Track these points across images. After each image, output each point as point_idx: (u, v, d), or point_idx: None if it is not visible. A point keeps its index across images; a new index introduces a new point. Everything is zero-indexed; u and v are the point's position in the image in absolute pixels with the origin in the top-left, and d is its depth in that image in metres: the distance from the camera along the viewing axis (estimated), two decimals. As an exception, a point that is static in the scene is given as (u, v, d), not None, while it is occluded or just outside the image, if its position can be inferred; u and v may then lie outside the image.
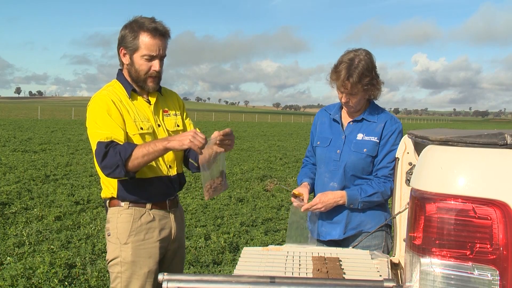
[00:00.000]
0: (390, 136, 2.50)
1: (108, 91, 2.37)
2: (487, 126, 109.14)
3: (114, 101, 2.31)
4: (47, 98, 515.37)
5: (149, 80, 2.36)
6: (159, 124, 2.44)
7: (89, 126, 2.32)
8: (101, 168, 2.23)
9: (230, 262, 4.87)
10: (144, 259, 2.36)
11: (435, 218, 1.37)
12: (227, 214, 6.94)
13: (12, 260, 4.71)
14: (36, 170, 10.42)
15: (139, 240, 2.36)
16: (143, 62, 2.32)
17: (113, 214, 2.40)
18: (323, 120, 2.69)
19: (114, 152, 2.17)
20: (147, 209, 2.39)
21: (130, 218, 2.36)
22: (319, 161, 2.62)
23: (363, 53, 2.43)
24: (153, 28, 2.29)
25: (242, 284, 1.54)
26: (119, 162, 2.16)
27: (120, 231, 2.36)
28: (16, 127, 26.22)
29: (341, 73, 2.37)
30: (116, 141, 2.22)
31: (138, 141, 2.31)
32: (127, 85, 2.40)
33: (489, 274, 1.31)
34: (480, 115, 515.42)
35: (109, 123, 2.25)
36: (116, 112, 2.29)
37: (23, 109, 74.00)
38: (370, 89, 2.45)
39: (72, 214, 6.66)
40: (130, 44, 2.32)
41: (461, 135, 1.47)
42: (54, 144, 16.78)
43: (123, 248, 2.35)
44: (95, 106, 2.31)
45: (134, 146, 2.21)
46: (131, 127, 2.32)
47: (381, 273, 1.97)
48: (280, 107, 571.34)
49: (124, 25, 2.37)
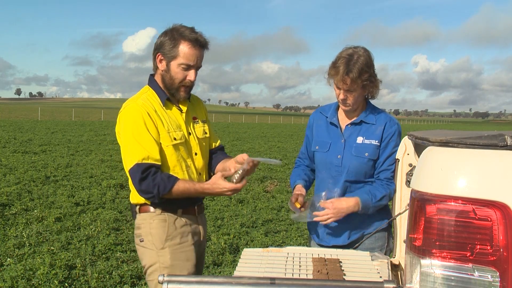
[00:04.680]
0: (391, 138, 2.47)
1: (143, 100, 2.35)
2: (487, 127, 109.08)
3: (149, 113, 2.30)
4: (47, 99, 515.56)
5: (182, 89, 2.37)
6: (190, 132, 2.45)
7: (125, 138, 2.30)
8: (137, 189, 2.29)
9: (230, 263, 4.87)
10: (182, 262, 2.36)
11: (435, 220, 1.37)
12: (227, 215, 6.94)
13: (12, 261, 4.71)
14: (36, 171, 10.43)
15: (175, 244, 2.36)
16: (180, 70, 2.33)
17: (145, 220, 2.39)
18: (319, 123, 2.63)
19: (153, 183, 2.21)
20: (178, 215, 2.40)
21: (165, 224, 2.36)
22: (320, 166, 2.58)
23: (362, 49, 2.39)
24: (194, 38, 2.31)
25: (242, 286, 1.54)
26: (155, 194, 2.23)
27: (156, 237, 2.35)
28: (16, 128, 26.23)
29: (340, 68, 2.33)
30: (154, 164, 2.24)
31: (171, 152, 2.33)
32: (161, 93, 2.39)
33: (489, 275, 1.31)
34: (480, 116, 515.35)
35: (146, 137, 2.26)
36: (152, 124, 2.29)
37: (23, 110, 74.04)
38: (368, 86, 2.41)
39: (72, 215, 6.66)
40: (168, 52, 2.32)
41: (461, 137, 1.47)
42: (54, 145, 16.78)
43: (160, 253, 2.34)
44: (131, 117, 2.30)
45: (174, 182, 2.24)
46: (165, 138, 2.32)
47: (381, 275, 1.97)
48: (280, 108, 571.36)
49: (163, 32, 2.38)
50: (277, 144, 22.40)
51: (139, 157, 2.23)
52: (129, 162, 2.26)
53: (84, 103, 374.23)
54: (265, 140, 25.25)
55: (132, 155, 2.25)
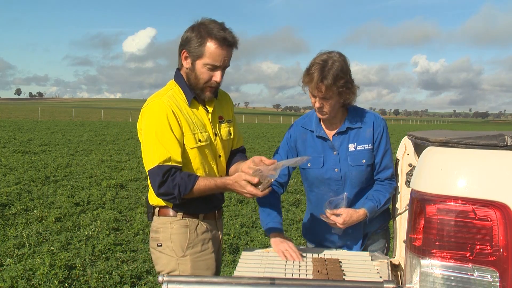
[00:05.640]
0: (381, 136, 2.40)
1: (168, 97, 2.22)
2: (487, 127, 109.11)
3: (174, 112, 2.17)
4: (47, 99, 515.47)
5: (207, 89, 2.24)
6: (216, 133, 2.33)
7: (147, 135, 2.18)
8: (155, 192, 2.17)
9: (230, 264, 4.86)
10: (202, 271, 2.27)
11: (435, 220, 1.37)
12: (227, 215, 6.94)
13: (12, 261, 4.71)
14: (36, 171, 10.42)
15: (196, 252, 2.26)
16: (205, 70, 2.19)
17: (164, 224, 2.28)
18: (304, 138, 2.47)
19: (173, 184, 2.10)
20: (199, 220, 2.31)
21: (186, 230, 2.27)
22: (316, 182, 2.47)
23: (337, 55, 2.28)
24: (222, 37, 2.15)
25: (242, 286, 1.54)
26: (176, 195, 2.12)
27: (176, 243, 2.25)
28: (16, 128, 26.23)
29: (314, 75, 2.21)
30: (175, 165, 2.13)
31: (195, 155, 2.22)
32: (187, 91, 2.26)
33: (489, 275, 1.31)
34: (480, 116, 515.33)
35: (169, 137, 2.15)
36: (176, 124, 2.17)
37: (23, 110, 74.04)
38: (345, 93, 2.28)
39: (72, 215, 6.65)
40: (194, 50, 2.18)
41: (461, 137, 1.47)
42: (54, 146, 16.77)
43: (181, 261, 2.23)
44: (155, 115, 2.17)
45: (195, 181, 2.12)
46: (190, 139, 2.20)
47: (381, 275, 1.97)
48: (280, 109, 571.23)
49: (191, 27, 2.23)
50: (277, 144, 22.39)
51: (160, 158, 2.11)
52: (150, 162, 2.15)
53: (84, 103, 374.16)
54: (265, 140, 25.25)
55: (154, 156, 2.13)
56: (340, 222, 2.28)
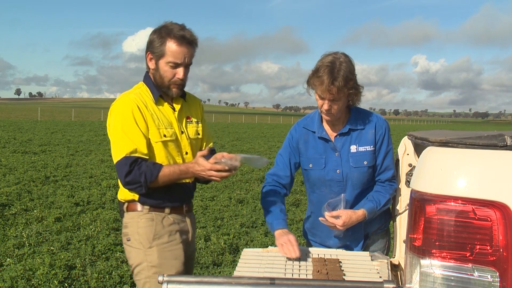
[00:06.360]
0: (383, 138, 2.40)
1: (135, 94, 2.36)
2: (487, 127, 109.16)
3: (139, 107, 2.30)
4: (47, 100, 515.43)
5: (172, 86, 2.35)
6: (182, 131, 2.43)
7: (114, 129, 2.31)
8: (122, 182, 2.27)
9: (230, 264, 4.86)
10: (170, 261, 2.34)
11: (435, 220, 1.37)
12: (227, 215, 6.94)
13: (12, 261, 4.71)
14: (36, 171, 10.42)
15: (163, 243, 2.34)
16: (168, 69, 2.31)
17: (132, 219, 2.38)
18: (306, 139, 2.46)
19: (140, 172, 2.21)
20: (166, 213, 2.39)
21: (152, 222, 2.35)
22: (317, 183, 2.46)
23: (342, 56, 2.26)
24: (180, 35, 2.28)
25: (242, 286, 1.54)
26: (143, 183, 2.22)
27: (143, 236, 2.34)
28: (16, 128, 26.23)
29: (324, 78, 2.18)
30: (141, 156, 2.24)
31: (160, 148, 2.32)
32: (154, 89, 2.39)
33: (489, 275, 1.31)
34: (480, 117, 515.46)
35: (134, 130, 2.26)
36: (141, 119, 2.29)
37: (23, 110, 74.04)
38: (353, 94, 2.27)
39: (72, 215, 6.65)
40: (156, 50, 2.31)
41: (461, 137, 1.47)
42: (54, 146, 16.78)
43: (147, 252, 2.33)
44: (121, 109, 2.31)
45: (160, 168, 2.24)
46: (154, 134, 2.31)
47: (381, 275, 1.97)
48: (280, 109, 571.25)
49: (153, 30, 2.36)
50: (277, 144, 22.39)
51: (127, 150, 2.23)
52: (117, 154, 2.26)
53: (84, 103, 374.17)
54: (265, 140, 25.25)
55: (120, 148, 2.25)
56: (340, 224, 2.27)
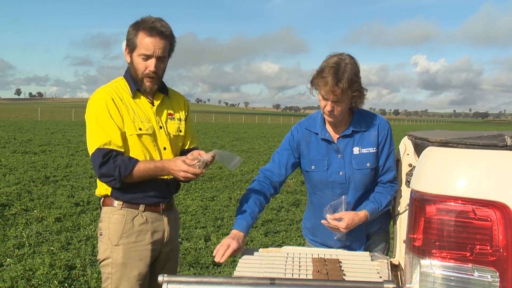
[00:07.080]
0: (386, 140, 2.40)
1: (111, 87, 2.37)
2: (487, 127, 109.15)
3: (114, 99, 2.31)
4: (47, 100, 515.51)
5: (145, 79, 2.34)
6: (161, 126, 2.42)
7: (89, 122, 2.33)
8: (97, 174, 2.29)
9: (230, 264, 4.86)
10: (134, 261, 2.35)
11: (435, 220, 1.37)
12: (227, 215, 6.94)
13: (12, 261, 4.71)
14: (36, 171, 10.43)
15: (130, 243, 2.35)
16: (140, 61, 2.31)
17: (106, 214, 2.39)
18: (308, 140, 2.44)
19: (114, 165, 2.21)
20: (140, 211, 2.38)
21: (122, 220, 2.35)
22: (320, 185, 2.44)
23: (348, 57, 2.25)
24: (150, 27, 2.27)
25: (242, 286, 1.55)
26: (117, 177, 2.22)
27: (112, 232, 2.36)
28: (16, 128, 26.23)
29: (328, 79, 2.17)
30: (115, 149, 2.25)
31: (135, 142, 2.32)
32: (132, 83, 2.39)
33: (489, 275, 1.31)
34: (480, 117, 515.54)
35: (109, 122, 2.27)
36: (116, 111, 2.29)
37: (23, 110, 74.04)
38: (357, 96, 2.26)
39: (72, 215, 6.66)
40: (130, 42, 2.32)
41: (461, 137, 1.47)
42: (54, 146, 16.77)
43: (114, 249, 2.35)
44: (96, 102, 2.32)
45: (135, 163, 2.24)
46: (129, 127, 2.31)
47: (381, 275, 1.97)
48: (280, 109, 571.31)
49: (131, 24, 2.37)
50: (276, 144, 22.40)
51: (101, 142, 2.24)
52: (91, 146, 2.27)
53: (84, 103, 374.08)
54: (265, 140, 25.25)
55: (94, 140, 2.26)
56: (343, 226, 2.27)
